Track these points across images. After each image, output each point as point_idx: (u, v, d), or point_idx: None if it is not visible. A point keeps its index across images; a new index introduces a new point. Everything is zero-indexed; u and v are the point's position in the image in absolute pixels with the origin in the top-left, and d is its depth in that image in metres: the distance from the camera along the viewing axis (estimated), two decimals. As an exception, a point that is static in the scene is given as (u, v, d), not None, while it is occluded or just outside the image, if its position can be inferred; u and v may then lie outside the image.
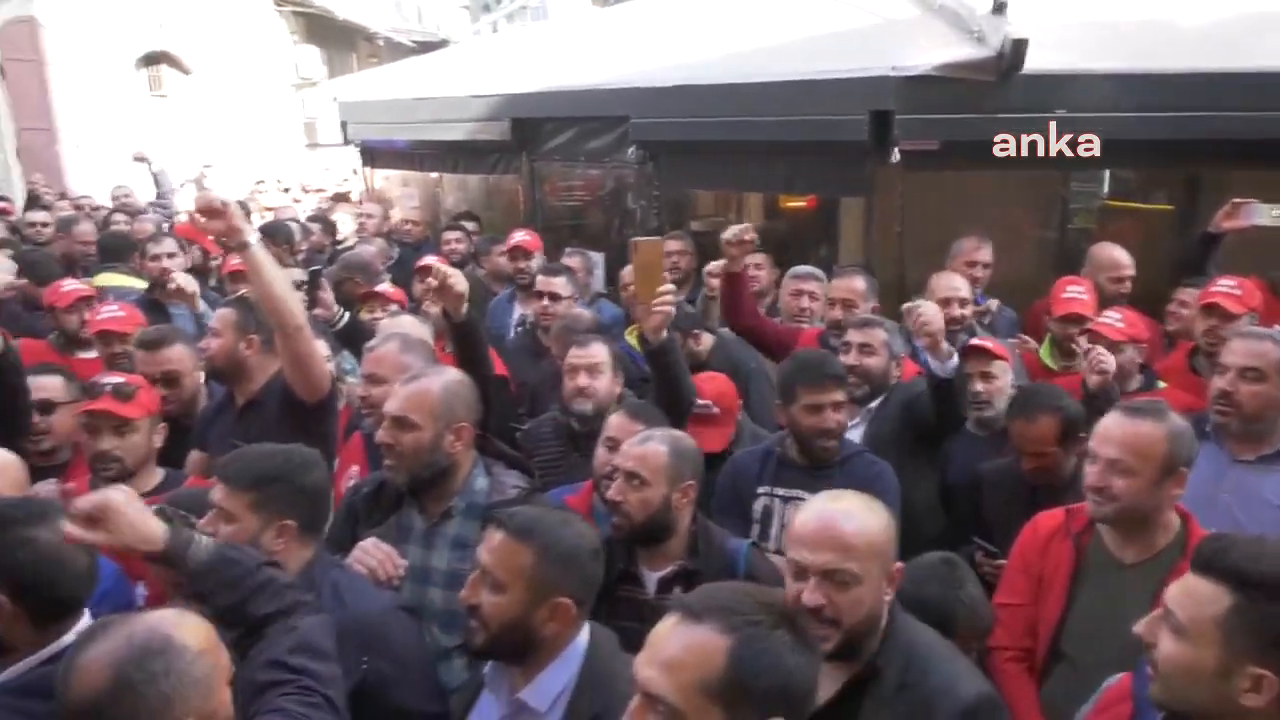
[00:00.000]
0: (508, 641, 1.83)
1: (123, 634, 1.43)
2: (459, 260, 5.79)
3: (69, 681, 1.41)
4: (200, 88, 16.34)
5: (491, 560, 1.83)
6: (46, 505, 2.05)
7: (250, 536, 2.06)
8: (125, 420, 2.80)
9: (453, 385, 2.46)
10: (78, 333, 4.19)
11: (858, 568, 1.74)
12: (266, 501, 2.10)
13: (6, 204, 9.03)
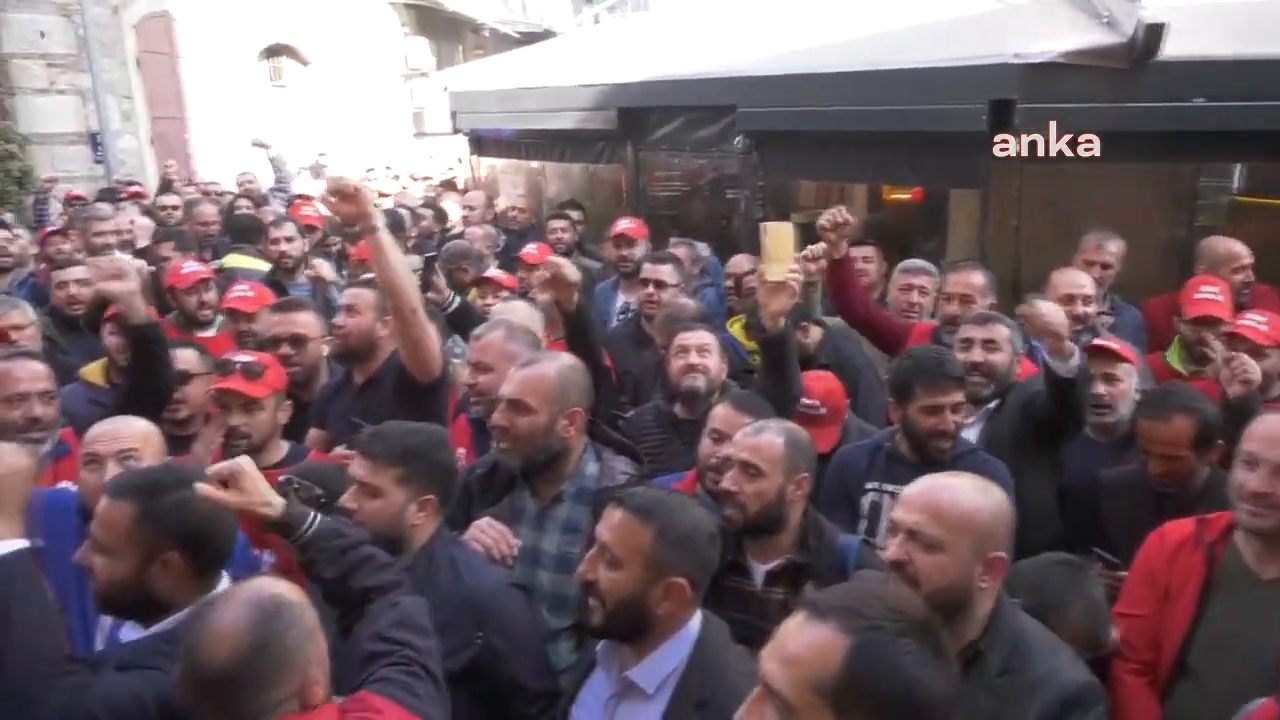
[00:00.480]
0: (623, 619, 1.85)
1: (240, 601, 1.55)
2: (564, 249, 5.86)
3: (208, 653, 1.50)
4: (317, 78, 16.97)
5: (611, 537, 1.86)
6: (194, 470, 2.18)
7: (396, 511, 2.13)
8: (253, 398, 2.93)
9: (567, 371, 2.50)
10: (196, 313, 4.39)
11: (943, 535, 1.80)
12: (411, 476, 2.16)
13: (141, 189, 9.59)
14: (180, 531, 1.90)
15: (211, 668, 1.50)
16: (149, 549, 1.87)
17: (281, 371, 3.18)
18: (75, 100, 11.24)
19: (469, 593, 2.11)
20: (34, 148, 10.64)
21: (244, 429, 2.93)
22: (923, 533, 1.82)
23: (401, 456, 2.17)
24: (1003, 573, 1.85)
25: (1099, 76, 4.06)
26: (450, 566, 2.15)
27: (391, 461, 2.16)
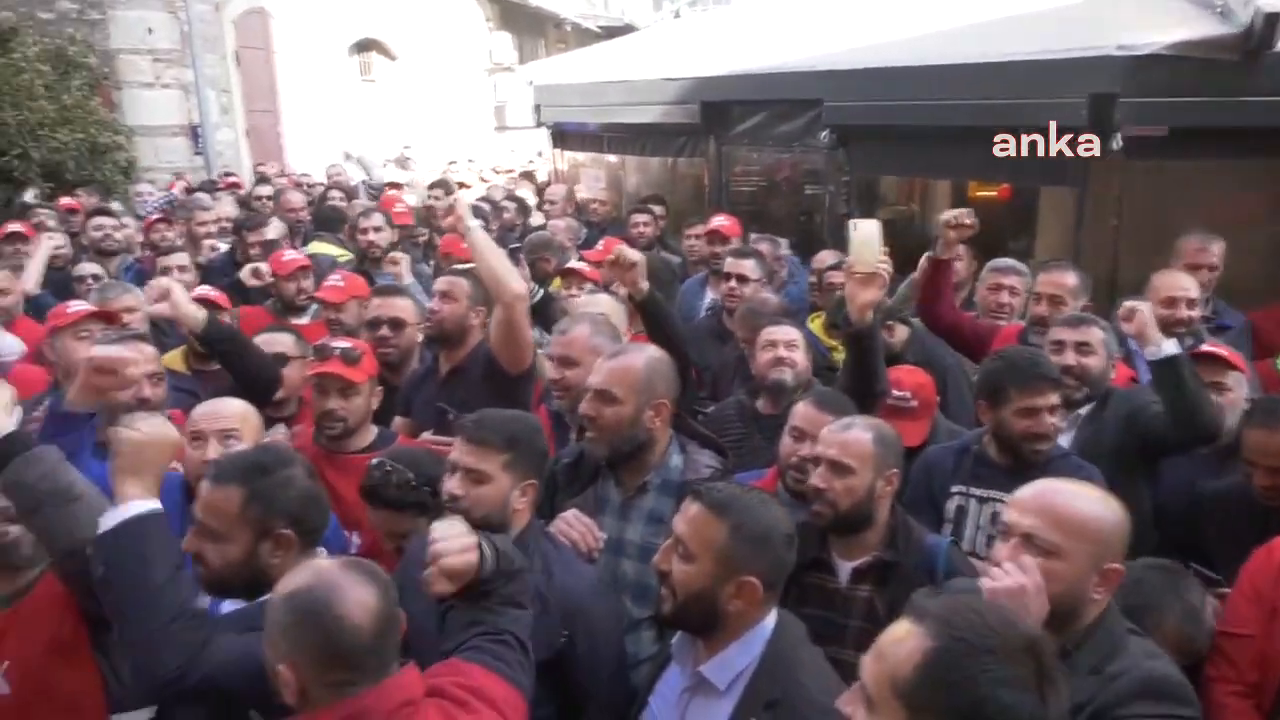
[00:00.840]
0: (693, 612, 1.86)
1: (364, 576, 1.60)
2: (645, 243, 5.86)
3: (351, 621, 1.54)
4: (404, 73, 17.35)
5: (686, 530, 1.86)
6: (290, 450, 2.28)
7: (502, 496, 2.16)
8: (351, 383, 3.01)
9: (654, 362, 2.51)
10: (294, 299, 4.52)
11: (1060, 541, 1.75)
12: (516, 462, 2.19)
13: (237, 180, 9.95)
14: (288, 509, 1.97)
15: (359, 636, 1.54)
16: (260, 528, 1.93)
17: (375, 360, 3.25)
18: (178, 94, 11.71)
19: (560, 589, 2.12)
20: (139, 139, 11.12)
21: (340, 412, 3.00)
22: (1039, 538, 1.77)
23: (507, 442, 2.19)
24: (1116, 584, 1.80)
25: (1209, 69, 3.88)
26: (543, 560, 2.16)
27: (498, 447, 2.18)
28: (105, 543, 1.83)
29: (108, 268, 5.62)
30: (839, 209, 5.85)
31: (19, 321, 4.43)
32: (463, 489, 2.16)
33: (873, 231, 2.88)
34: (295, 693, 1.54)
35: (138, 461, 1.89)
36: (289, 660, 1.53)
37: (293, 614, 1.54)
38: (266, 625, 1.58)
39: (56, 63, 9.94)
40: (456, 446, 2.23)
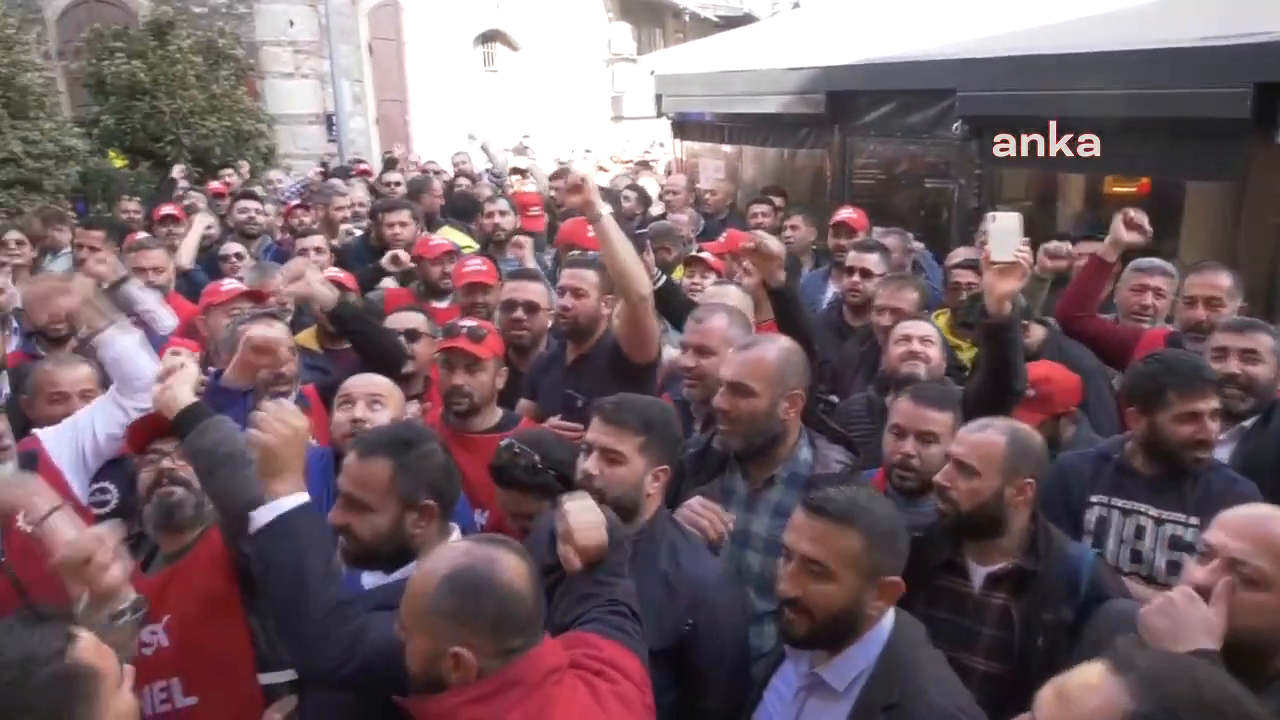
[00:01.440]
0: (835, 630, 1.81)
1: (506, 547, 1.64)
2: (766, 231, 5.80)
3: (516, 587, 1.57)
4: (525, 63, 17.69)
5: (818, 550, 1.79)
6: (426, 427, 2.33)
7: (636, 479, 2.18)
8: (476, 359, 3.07)
9: (787, 352, 2.48)
10: (438, 283, 4.65)
11: (1270, 570, 1.63)
12: (651, 446, 2.20)
13: (367, 167, 10.35)
14: (431, 480, 2.01)
15: (514, 601, 1.57)
16: (407, 499, 1.98)
17: (500, 340, 3.31)
18: (315, 84, 12.28)
19: (687, 579, 2.12)
20: (279, 127, 11.73)
21: (466, 388, 3.06)
22: (1249, 565, 1.65)
23: (644, 425, 2.20)
24: None
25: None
26: (670, 548, 2.17)
27: (635, 429, 2.19)
28: (261, 540, 1.86)
29: (249, 248, 5.94)
30: (969, 203, 5.65)
31: (171, 298, 4.73)
32: (598, 468, 2.18)
33: (1013, 224, 2.76)
34: (472, 673, 1.53)
35: (275, 463, 1.92)
36: (465, 641, 1.53)
37: (459, 593, 1.55)
38: (423, 615, 1.56)
39: (207, 54, 10.56)
40: (594, 426, 2.24)
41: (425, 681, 1.58)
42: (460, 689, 1.54)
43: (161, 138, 10.08)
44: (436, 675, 1.56)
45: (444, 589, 1.55)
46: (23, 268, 5.46)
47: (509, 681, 1.55)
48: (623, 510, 2.15)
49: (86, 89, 10.57)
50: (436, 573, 1.58)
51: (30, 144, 8.77)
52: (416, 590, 1.59)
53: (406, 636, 1.60)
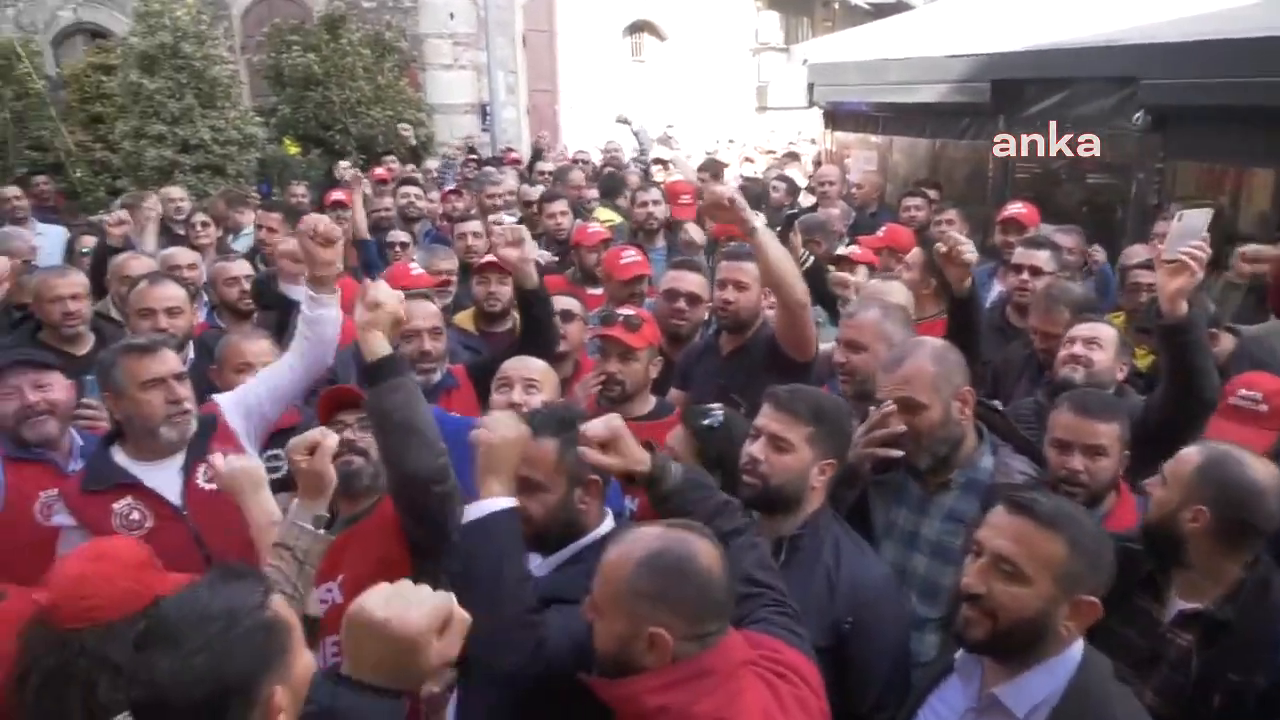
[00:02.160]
0: (1017, 639, 1.70)
1: (697, 532, 1.64)
2: (917, 228, 5.61)
3: (713, 573, 1.57)
4: (671, 53, 17.74)
5: (1014, 548, 1.68)
6: (583, 411, 2.35)
7: (803, 469, 2.14)
8: (630, 348, 3.10)
9: (940, 353, 2.39)
10: (593, 269, 4.75)
11: None
12: (820, 438, 2.16)
13: (518, 155, 10.64)
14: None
15: (720, 590, 1.57)
16: (576, 476, 2.03)
17: (656, 329, 3.30)
18: (471, 75, 12.70)
19: (849, 576, 2.08)
20: (437, 117, 12.22)
21: (619, 376, 3.10)
22: None
23: (814, 415, 2.16)
24: None
25: None
26: (833, 544, 2.13)
27: (805, 419, 2.15)
28: (466, 535, 1.90)
29: (411, 231, 6.21)
30: (1148, 199, 5.28)
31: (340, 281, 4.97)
32: (763, 454, 2.15)
33: (1199, 221, 2.57)
34: (668, 654, 1.53)
35: (493, 461, 1.96)
36: (662, 623, 1.53)
37: (659, 576, 1.55)
38: (621, 597, 1.56)
39: (374, 47, 11.09)
40: (764, 411, 2.21)
41: (615, 662, 1.59)
42: (651, 674, 1.54)
43: (331, 126, 10.68)
44: (628, 657, 1.56)
45: (644, 570, 1.56)
46: (209, 247, 5.91)
47: (701, 670, 1.54)
48: (785, 500, 2.13)
49: (266, 80, 11.31)
50: (633, 554, 1.58)
51: (217, 131, 9.47)
52: (613, 571, 1.59)
53: (598, 617, 1.61)
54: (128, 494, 2.60)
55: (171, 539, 2.48)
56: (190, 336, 3.77)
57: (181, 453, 2.69)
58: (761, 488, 2.14)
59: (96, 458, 2.70)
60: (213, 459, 2.42)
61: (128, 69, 9.38)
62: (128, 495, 2.60)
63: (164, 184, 8.09)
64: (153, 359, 2.63)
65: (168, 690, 1.29)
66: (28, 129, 9.86)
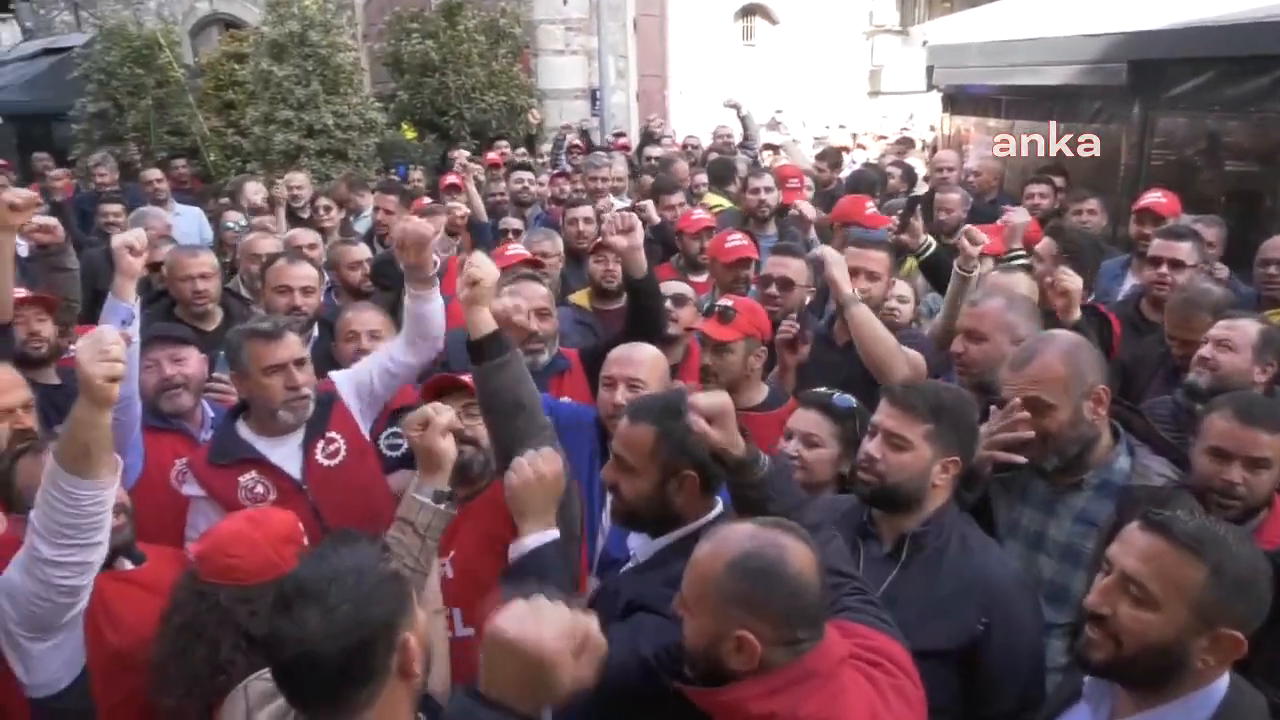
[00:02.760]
0: (1144, 667, 1.59)
1: (793, 534, 1.59)
2: (1041, 216, 5.35)
3: (806, 577, 1.53)
4: (782, 37, 17.47)
5: (1145, 569, 1.57)
6: None
7: (922, 467, 2.07)
8: (721, 342, 3.05)
9: (1072, 349, 2.27)
10: (696, 257, 4.73)
11: None
12: (940, 435, 2.08)
13: (626, 140, 10.66)
14: (695, 452, 2.00)
15: (812, 596, 1.54)
16: (669, 467, 2.00)
17: (759, 317, 3.22)
18: (582, 60, 12.80)
19: (981, 575, 1.99)
20: (548, 102, 12.36)
21: (713, 368, 3.07)
22: None
23: (933, 411, 2.08)
24: None
25: None
26: (960, 541, 2.05)
27: (922, 416, 2.07)
28: (512, 572, 1.97)
29: (523, 215, 6.30)
30: (1300, 188, 4.89)
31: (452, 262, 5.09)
32: (880, 452, 2.08)
33: None
34: (755, 658, 1.51)
35: (527, 502, 2.04)
36: (750, 627, 1.50)
37: (748, 578, 1.52)
38: (708, 597, 1.54)
39: (489, 33, 11.28)
40: (881, 407, 2.15)
41: (704, 660, 1.56)
42: (754, 681, 1.51)
43: (446, 112, 10.94)
44: (716, 656, 1.54)
45: (733, 572, 1.52)
46: (331, 229, 6.15)
47: (804, 674, 1.51)
48: (904, 498, 2.06)
49: (385, 67, 11.66)
50: (723, 555, 1.55)
51: (339, 117, 9.83)
52: (702, 570, 1.57)
53: (687, 613, 1.59)
54: (252, 468, 2.73)
55: (293, 512, 2.59)
56: (319, 315, 3.92)
57: (302, 429, 2.81)
58: (879, 485, 2.08)
59: (223, 432, 2.84)
60: None
61: (259, 57, 9.82)
62: (252, 469, 2.74)
63: (290, 168, 8.45)
64: (276, 345, 2.74)
65: (319, 643, 1.37)
66: (168, 115, 10.43)
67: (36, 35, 16.18)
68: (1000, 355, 2.69)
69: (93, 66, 10.63)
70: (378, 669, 1.42)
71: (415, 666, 1.48)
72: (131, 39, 10.55)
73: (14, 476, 2.37)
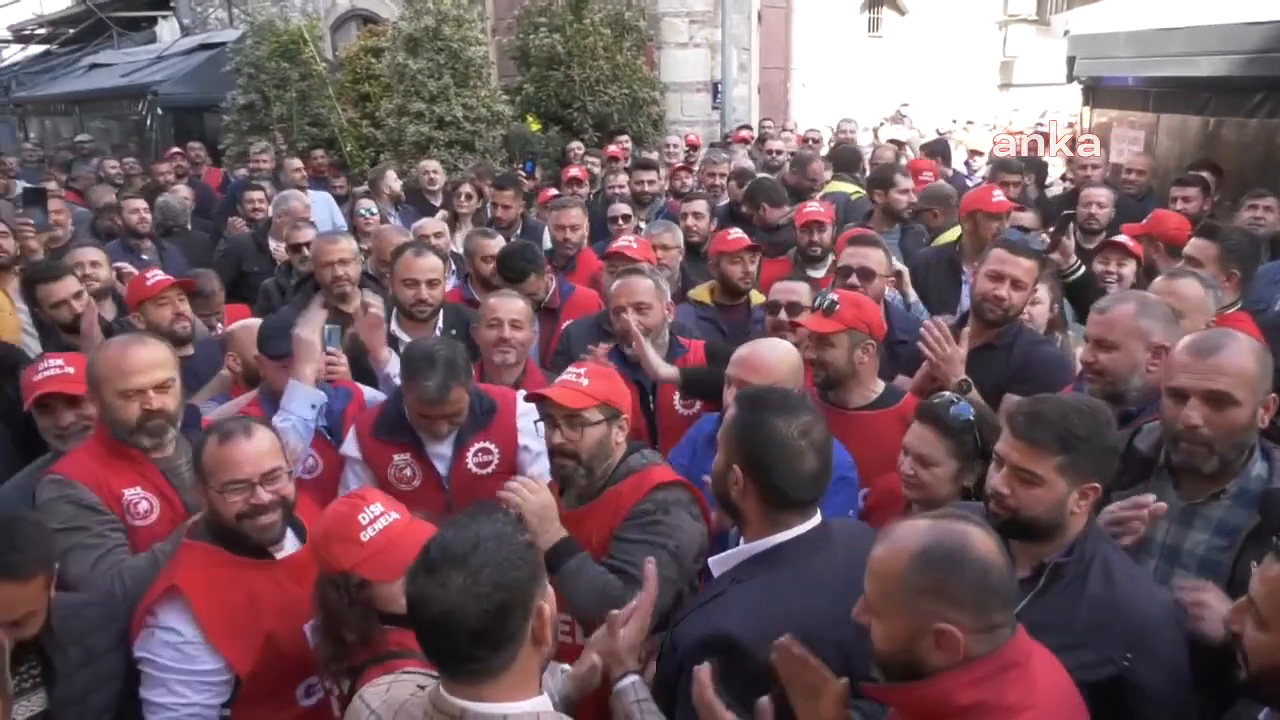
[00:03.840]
0: (1269, 685, 1.53)
1: (966, 521, 1.56)
2: (1193, 217, 5.03)
3: (992, 560, 1.49)
4: (911, 28, 16.95)
5: (1263, 591, 1.51)
6: (802, 398, 2.13)
7: (1057, 500, 1.93)
8: (823, 335, 2.96)
9: (1259, 351, 2.12)
10: (806, 249, 4.70)
11: None
12: (1075, 465, 1.92)
13: (747, 133, 10.57)
14: (744, 450, 1.99)
15: (1002, 578, 1.51)
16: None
17: (866, 311, 3.06)
18: (705, 53, 12.74)
19: (1125, 607, 1.87)
20: (669, 95, 12.36)
21: (817, 361, 2.99)
22: None
23: (1062, 442, 1.92)
24: None
25: None
26: (1103, 568, 1.93)
27: (1052, 448, 1.92)
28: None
29: (639, 215, 6.33)
30: None
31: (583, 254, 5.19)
32: (1009, 487, 1.95)
33: None
34: (959, 650, 1.47)
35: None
36: (948, 618, 1.47)
37: (935, 567, 1.48)
38: (896, 595, 1.52)
39: (615, 26, 11.36)
40: (1005, 438, 2.01)
41: (899, 664, 1.54)
42: (960, 671, 1.48)
43: (570, 104, 11.09)
44: (914, 656, 1.51)
45: (918, 565, 1.50)
46: (468, 216, 6.35)
47: (1008, 663, 1.49)
48: (1040, 530, 1.94)
49: (513, 60, 11.91)
50: (905, 550, 1.52)
51: (468, 109, 10.10)
52: (884, 569, 1.54)
53: (874, 617, 1.56)
54: (408, 451, 2.89)
55: (429, 503, 2.71)
56: (443, 305, 4.05)
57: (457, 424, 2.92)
58: (1011, 519, 1.96)
59: (393, 407, 2.98)
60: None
61: (395, 51, 10.20)
62: (408, 452, 2.89)
63: (420, 158, 8.75)
64: None
65: (464, 604, 1.44)
66: (309, 107, 10.95)
67: (193, 31, 17.31)
68: (1132, 364, 2.57)
69: (243, 61, 11.27)
70: (515, 633, 1.49)
71: (547, 634, 1.54)
72: (279, 34, 11.12)
73: None
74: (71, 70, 18.58)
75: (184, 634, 2.15)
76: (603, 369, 2.59)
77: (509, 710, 1.49)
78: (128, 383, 2.54)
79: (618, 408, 2.48)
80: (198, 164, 10.55)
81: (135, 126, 14.69)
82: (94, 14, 19.25)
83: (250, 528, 2.24)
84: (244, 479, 2.21)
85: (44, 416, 2.80)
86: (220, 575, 2.22)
